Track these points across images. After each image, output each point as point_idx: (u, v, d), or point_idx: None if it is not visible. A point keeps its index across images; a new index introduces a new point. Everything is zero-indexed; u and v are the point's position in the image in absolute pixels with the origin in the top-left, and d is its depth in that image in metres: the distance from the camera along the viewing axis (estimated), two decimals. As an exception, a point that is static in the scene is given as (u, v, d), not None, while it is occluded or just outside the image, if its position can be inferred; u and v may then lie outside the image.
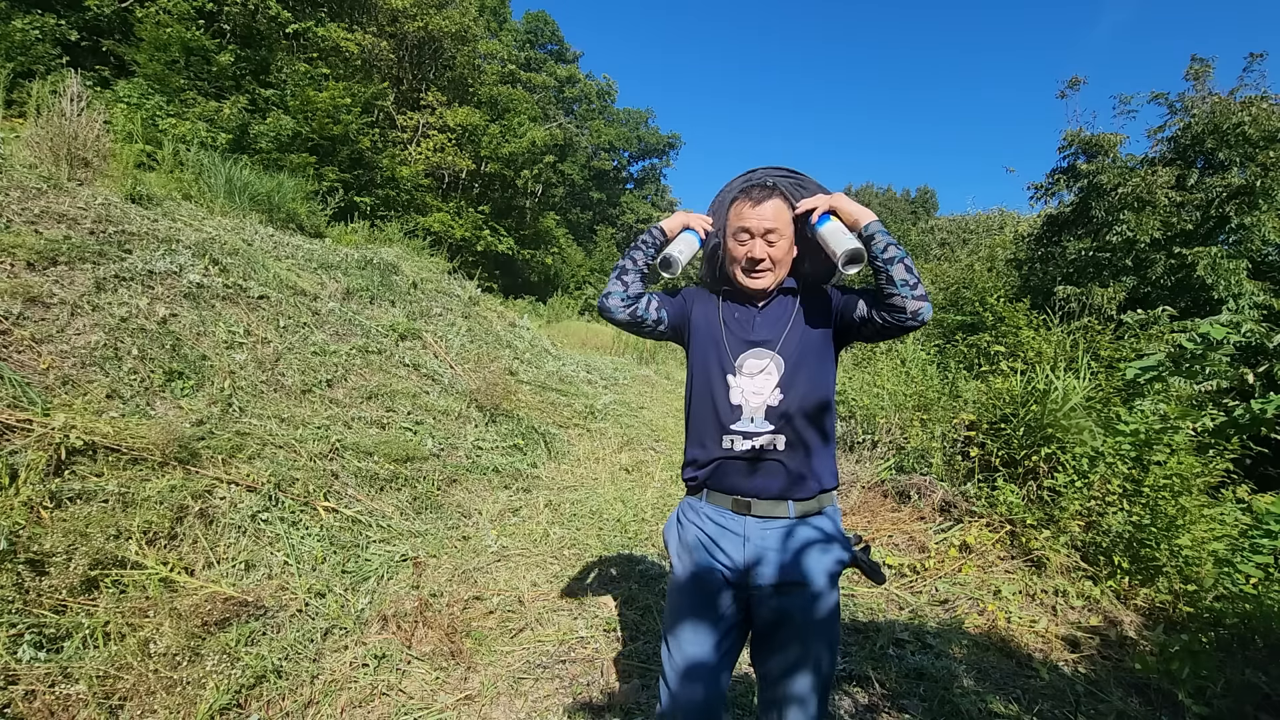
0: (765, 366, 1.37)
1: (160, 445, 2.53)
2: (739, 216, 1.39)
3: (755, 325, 1.41)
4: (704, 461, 1.40)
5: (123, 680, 1.81)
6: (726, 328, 1.43)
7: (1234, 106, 8.85)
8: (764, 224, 1.37)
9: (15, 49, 7.34)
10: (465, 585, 2.85)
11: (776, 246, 1.38)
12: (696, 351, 1.46)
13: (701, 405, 1.42)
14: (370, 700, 2.04)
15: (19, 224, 3.15)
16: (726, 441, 1.36)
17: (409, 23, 15.33)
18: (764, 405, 1.35)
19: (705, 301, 1.51)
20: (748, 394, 1.36)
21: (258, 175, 6.68)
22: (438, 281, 7.30)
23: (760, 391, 1.35)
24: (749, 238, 1.38)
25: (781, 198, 1.41)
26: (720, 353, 1.40)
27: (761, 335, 1.40)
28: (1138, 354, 4.77)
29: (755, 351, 1.38)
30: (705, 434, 1.40)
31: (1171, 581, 2.81)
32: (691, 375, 1.47)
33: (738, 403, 1.36)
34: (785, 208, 1.40)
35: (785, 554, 1.32)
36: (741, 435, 1.35)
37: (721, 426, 1.37)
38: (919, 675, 2.31)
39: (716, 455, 1.37)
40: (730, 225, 1.42)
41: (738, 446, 1.35)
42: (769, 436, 1.34)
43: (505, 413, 5.07)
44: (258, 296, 4.12)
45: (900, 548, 3.42)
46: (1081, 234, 10.29)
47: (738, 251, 1.40)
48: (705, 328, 1.45)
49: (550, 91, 26.84)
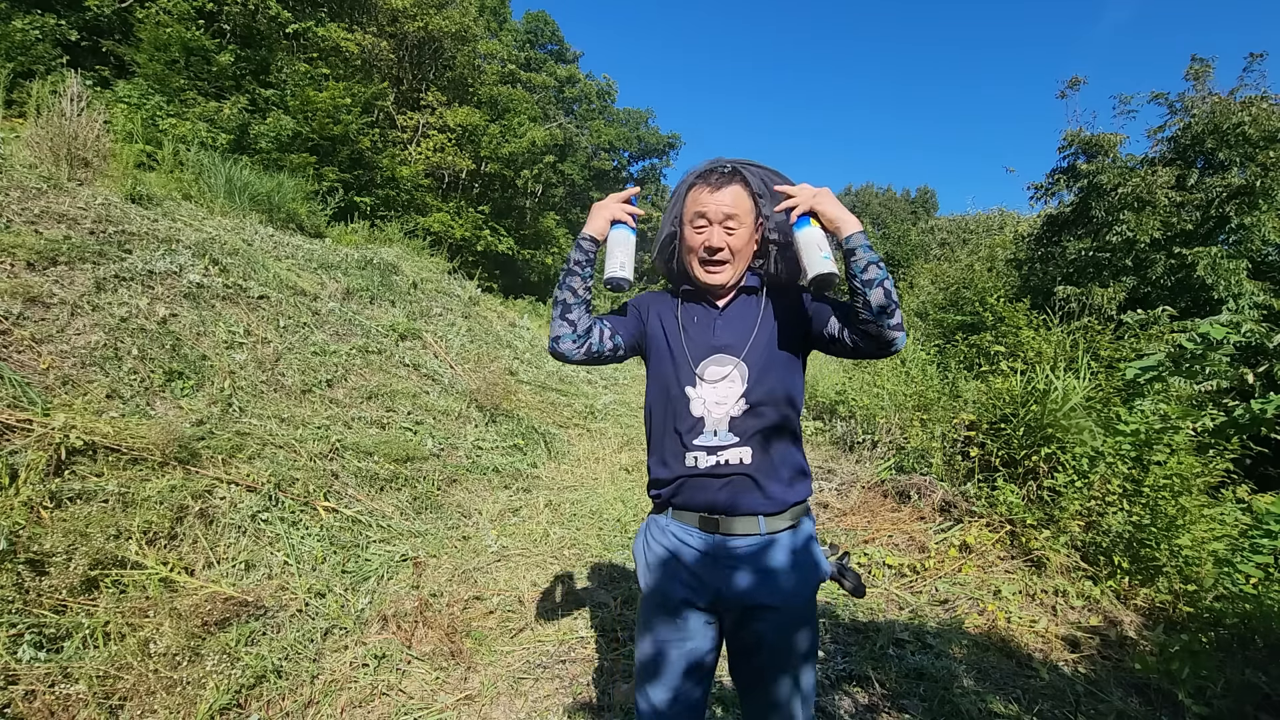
0: (728, 374, 1.26)
1: (160, 445, 2.53)
2: (696, 202, 1.28)
3: (716, 329, 1.30)
4: (667, 480, 1.29)
5: (123, 680, 1.81)
6: (685, 333, 1.32)
7: (1234, 106, 8.85)
8: (722, 209, 1.25)
9: (15, 49, 7.33)
10: (465, 585, 2.85)
11: (736, 235, 1.27)
12: (654, 361, 1.35)
13: (661, 418, 1.32)
14: (370, 700, 2.04)
15: (19, 224, 3.15)
16: (689, 458, 1.26)
17: (409, 23, 15.32)
18: (727, 416, 1.24)
19: (661, 306, 1.39)
20: (709, 404, 1.25)
21: (258, 175, 6.68)
22: (438, 281, 7.31)
23: (723, 401, 1.25)
24: (706, 224, 1.26)
25: (743, 184, 1.29)
26: (679, 360, 1.30)
27: (724, 340, 1.29)
28: (1138, 354, 4.77)
29: (717, 358, 1.27)
30: (667, 450, 1.30)
31: (1171, 581, 2.81)
32: (650, 386, 1.37)
33: (699, 414, 1.25)
34: (746, 195, 1.29)
35: (758, 574, 1.23)
36: (705, 450, 1.25)
37: (683, 442, 1.26)
38: (919, 675, 2.31)
39: (680, 473, 1.27)
40: (687, 211, 1.31)
41: (701, 463, 1.25)
42: (734, 450, 1.24)
43: (505, 413, 5.07)
44: (258, 296, 4.13)
45: (900, 548, 3.42)
46: (1081, 234, 10.29)
47: (694, 240, 1.28)
48: (662, 335, 1.34)
49: (550, 91, 26.83)
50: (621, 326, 1.37)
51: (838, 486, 4.31)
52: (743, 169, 1.31)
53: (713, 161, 1.35)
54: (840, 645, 2.52)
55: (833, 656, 2.42)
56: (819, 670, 2.31)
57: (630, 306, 1.41)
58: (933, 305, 10.02)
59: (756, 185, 1.31)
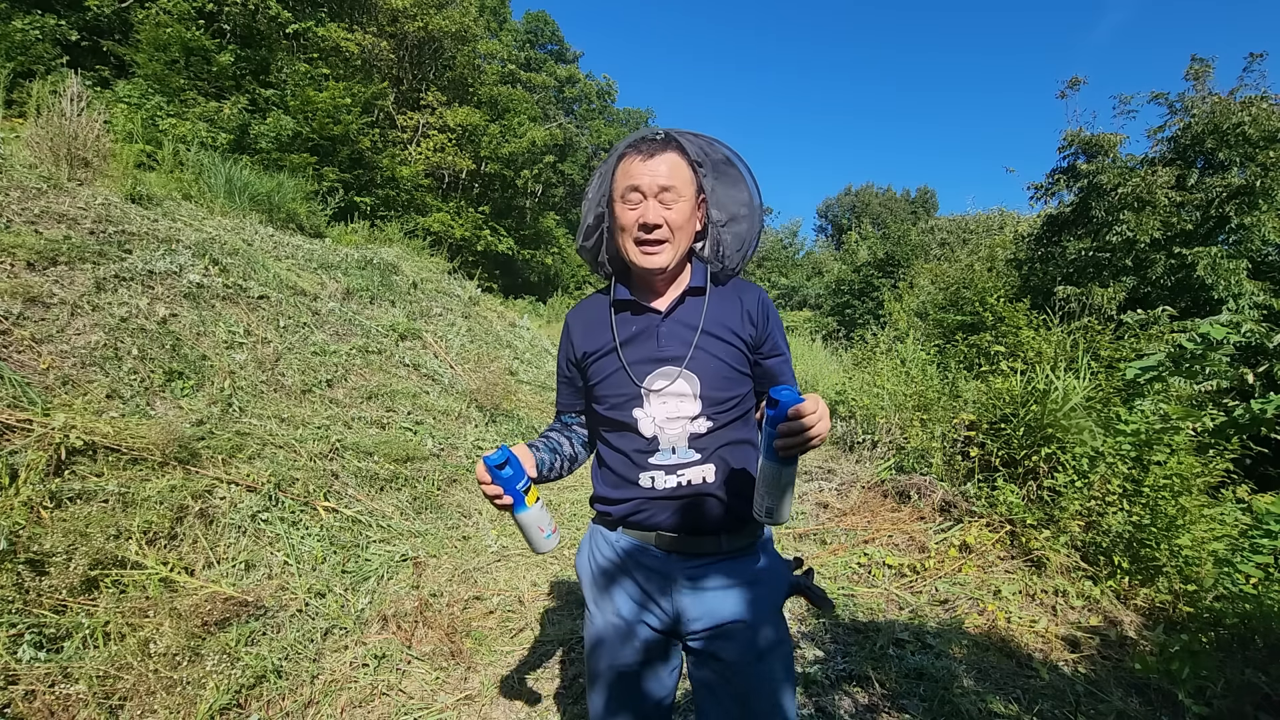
0: (679, 388, 1.12)
1: (160, 445, 2.53)
2: (627, 174, 1.10)
3: (660, 338, 1.15)
4: (619, 500, 1.17)
5: (123, 680, 1.81)
6: (624, 348, 1.16)
7: (1234, 106, 8.85)
8: (658, 181, 1.08)
9: (15, 49, 7.34)
10: (465, 585, 2.85)
11: (675, 210, 1.09)
12: (595, 382, 1.19)
13: (612, 437, 1.19)
14: (370, 700, 2.04)
15: (19, 224, 3.15)
16: (645, 479, 1.13)
17: (409, 23, 15.33)
18: (686, 433, 1.12)
19: (591, 327, 1.22)
20: (660, 422, 1.13)
21: (258, 175, 6.68)
22: (438, 281, 7.31)
23: (677, 416, 1.12)
24: (640, 199, 1.09)
25: (679, 152, 1.12)
26: (621, 379, 1.15)
27: (670, 350, 1.14)
28: (1138, 354, 4.77)
29: (665, 370, 1.13)
30: (619, 470, 1.17)
31: (1171, 581, 2.81)
32: (591, 405, 1.23)
33: (651, 434, 1.13)
34: (685, 164, 1.12)
35: (718, 593, 1.12)
36: (663, 470, 1.12)
37: (636, 463, 1.14)
38: (919, 675, 2.31)
39: (635, 495, 1.15)
40: (617, 186, 1.12)
41: (660, 484, 1.13)
42: (696, 469, 1.12)
43: (505, 413, 5.07)
44: (258, 296, 4.13)
45: (900, 548, 3.42)
46: (1081, 234, 10.29)
47: (626, 218, 1.10)
48: (601, 356, 1.19)
49: (550, 91, 26.84)
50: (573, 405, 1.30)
51: (838, 486, 4.31)
52: (678, 136, 1.15)
53: (644, 130, 1.18)
54: (840, 645, 2.52)
55: (833, 656, 2.42)
56: (820, 670, 2.31)
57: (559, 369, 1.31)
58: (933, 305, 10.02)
59: (695, 153, 1.15)
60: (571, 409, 1.31)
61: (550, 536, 1.13)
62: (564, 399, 1.31)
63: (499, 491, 1.06)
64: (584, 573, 1.26)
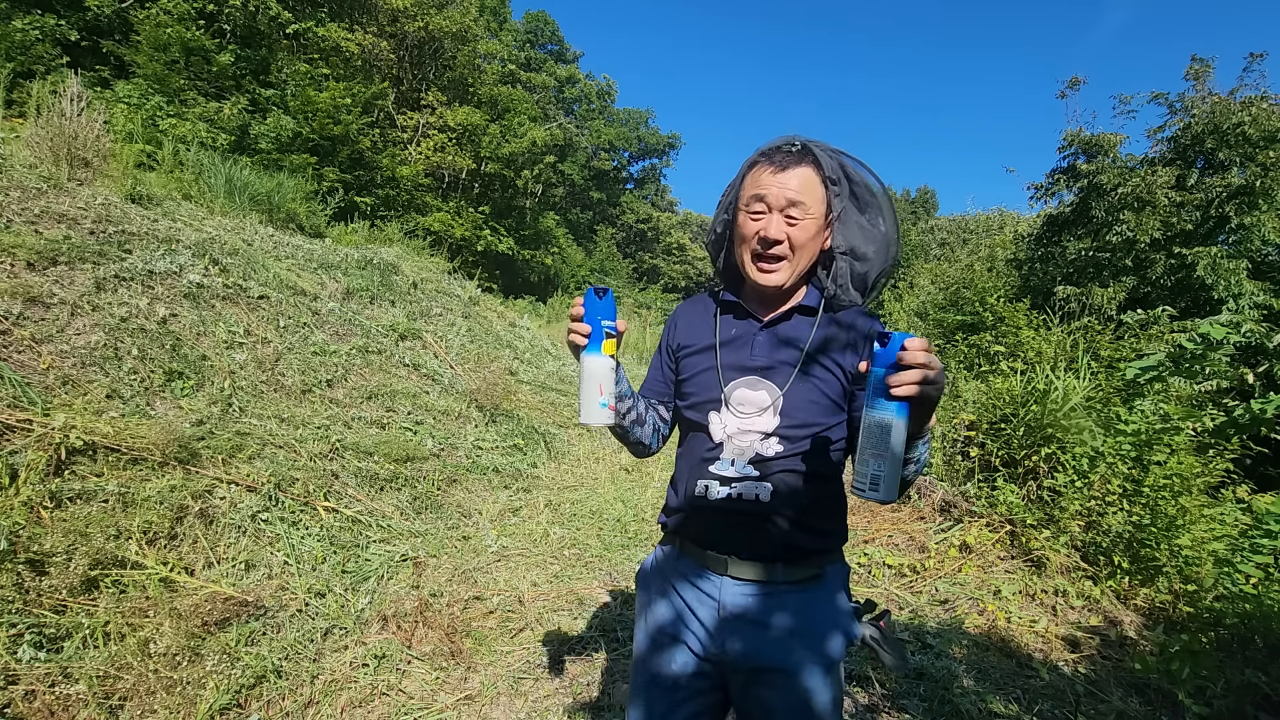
0: (761, 402, 1.06)
1: (160, 445, 2.53)
2: (755, 183, 1.05)
3: (755, 347, 1.09)
4: (675, 507, 1.16)
5: (123, 680, 1.81)
6: (721, 348, 1.12)
7: (1234, 106, 8.85)
8: (786, 194, 1.02)
9: (15, 49, 7.34)
10: (465, 585, 2.85)
11: (799, 227, 1.03)
12: (685, 377, 1.17)
13: (684, 439, 1.18)
14: (370, 700, 2.04)
15: (19, 224, 3.15)
16: (700, 486, 1.09)
17: (409, 23, 15.33)
18: (751, 448, 1.06)
19: (692, 318, 1.21)
20: (731, 430, 1.08)
21: (258, 175, 6.68)
22: (438, 281, 7.31)
23: (748, 429, 1.06)
24: (764, 211, 1.04)
25: (814, 167, 1.04)
26: (707, 380, 1.12)
27: (761, 361, 1.08)
28: (1138, 354, 4.77)
29: (749, 380, 1.08)
30: (682, 473, 1.15)
31: (1171, 581, 2.82)
32: (678, 403, 1.21)
33: (719, 439, 1.09)
34: (818, 181, 1.04)
35: (768, 629, 1.03)
36: (718, 480, 1.07)
37: (698, 467, 1.11)
38: (919, 675, 2.31)
39: (688, 501, 1.12)
40: (744, 194, 1.07)
41: (712, 493, 1.07)
42: (750, 484, 1.06)
43: (505, 413, 5.07)
44: (258, 296, 4.13)
45: (900, 548, 3.42)
46: (1081, 234, 10.29)
47: (748, 229, 1.06)
48: (695, 352, 1.17)
49: (550, 91, 26.85)
50: (659, 393, 1.23)
51: (838, 486, 4.31)
52: (816, 149, 1.06)
53: (782, 139, 1.09)
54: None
55: (833, 656, 2.42)
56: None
57: (656, 355, 1.26)
58: (933, 305, 10.01)
59: (831, 170, 1.06)
60: (655, 395, 1.24)
61: (604, 407, 1.01)
62: (651, 385, 1.26)
63: (581, 313, 1.00)
64: (640, 582, 1.24)
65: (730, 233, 1.13)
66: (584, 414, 1.02)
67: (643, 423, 1.16)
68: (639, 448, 1.20)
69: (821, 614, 1.06)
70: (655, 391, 1.24)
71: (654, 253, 33.79)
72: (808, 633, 1.04)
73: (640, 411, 1.16)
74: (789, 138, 1.09)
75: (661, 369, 1.24)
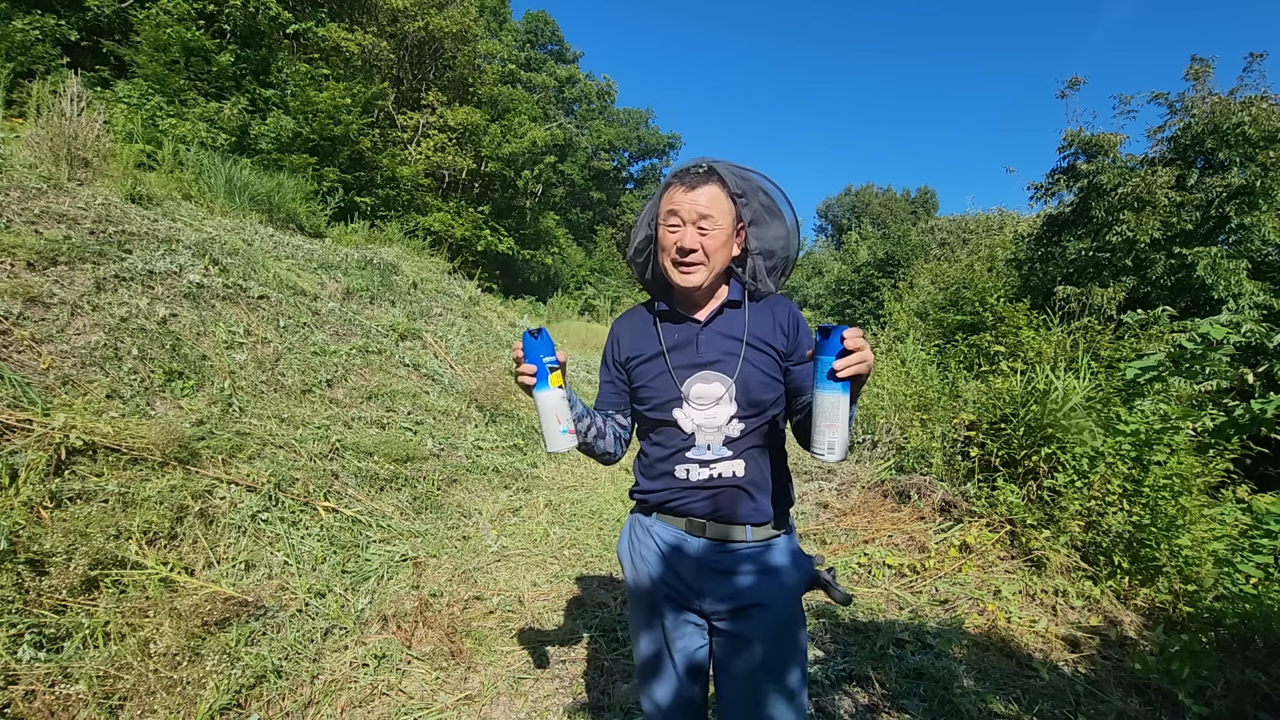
0: (716, 393, 1.24)
1: (160, 445, 2.53)
2: (670, 201, 1.24)
3: (700, 345, 1.27)
4: (655, 489, 1.31)
5: (123, 680, 1.81)
6: (669, 353, 1.28)
7: (1234, 106, 8.85)
8: (696, 209, 1.20)
9: (15, 49, 7.34)
10: (465, 585, 2.86)
11: (710, 236, 1.21)
12: (640, 384, 1.32)
13: (652, 434, 1.32)
14: (370, 700, 2.04)
15: (19, 224, 3.15)
16: (680, 470, 1.26)
17: (409, 23, 15.32)
18: (721, 433, 1.24)
19: (634, 333, 1.35)
20: (699, 421, 1.24)
21: (258, 175, 6.68)
22: (438, 281, 7.31)
23: (715, 418, 1.24)
24: (679, 225, 1.22)
25: (720, 184, 1.24)
26: (663, 383, 1.27)
27: (708, 356, 1.26)
28: (1138, 354, 4.77)
29: (703, 374, 1.25)
30: (657, 461, 1.30)
31: (1171, 581, 2.82)
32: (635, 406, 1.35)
33: (690, 430, 1.25)
34: (724, 196, 1.24)
35: (742, 576, 1.24)
36: (697, 464, 1.25)
37: (676, 455, 1.27)
38: (919, 675, 2.31)
39: (670, 484, 1.28)
40: (661, 211, 1.26)
41: (694, 475, 1.25)
42: (727, 464, 1.24)
43: (505, 413, 5.08)
44: (258, 296, 4.13)
45: (900, 548, 3.42)
46: (1081, 234, 10.29)
47: (667, 240, 1.24)
48: (643, 360, 1.32)
49: (550, 91, 26.84)
50: (614, 404, 1.38)
51: (838, 486, 4.31)
52: (720, 169, 1.26)
53: (690, 161, 1.29)
54: (840, 645, 2.52)
55: (833, 656, 2.42)
56: (820, 670, 2.31)
57: (604, 370, 1.39)
58: (933, 305, 10.01)
59: (735, 185, 1.25)
60: (611, 407, 1.38)
61: (565, 434, 1.14)
62: (605, 399, 1.40)
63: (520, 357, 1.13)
64: (624, 554, 1.38)
65: (654, 246, 1.32)
66: (550, 444, 1.15)
67: (604, 435, 1.33)
68: (606, 457, 1.35)
69: (784, 559, 1.27)
70: (611, 404, 1.38)
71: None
72: (775, 573, 1.25)
73: (600, 425, 1.32)
74: (698, 161, 1.28)
75: (614, 383, 1.38)
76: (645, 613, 1.32)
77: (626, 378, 1.36)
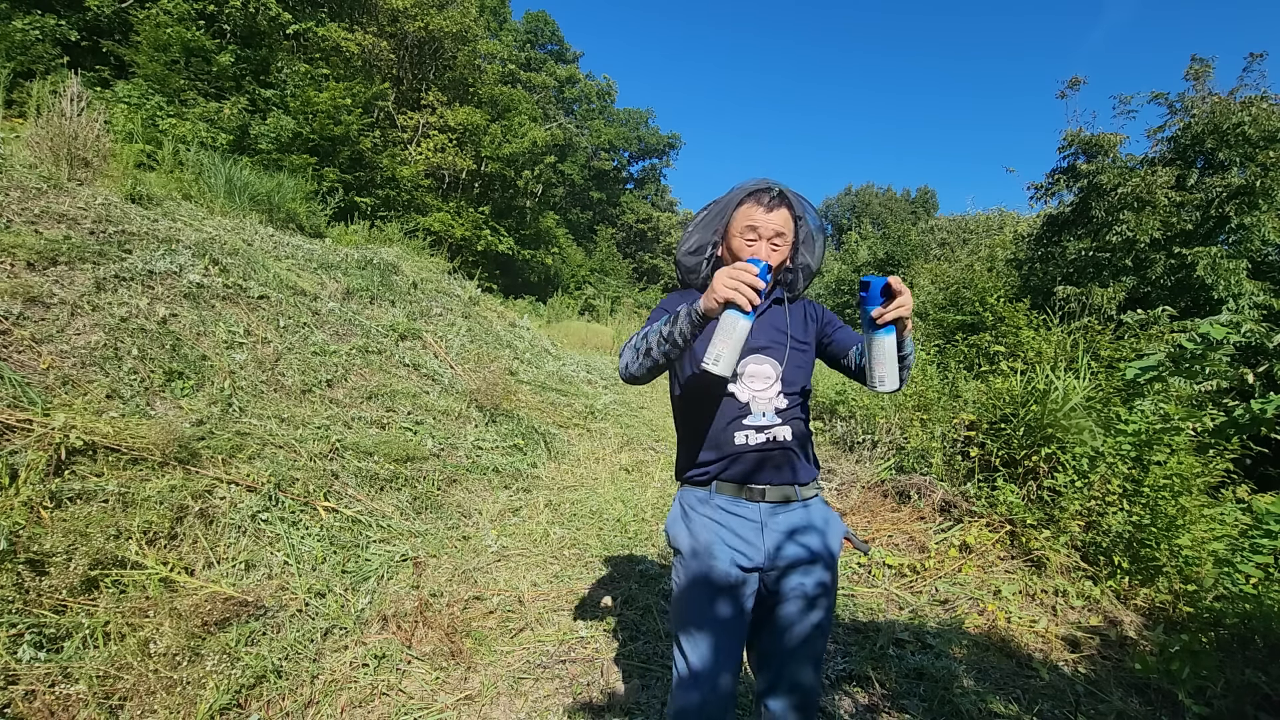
0: (766, 373, 1.42)
1: (160, 445, 2.53)
2: (748, 216, 1.42)
3: (754, 331, 1.41)
4: (717, 459, 1.43)
5: (123, 680, 1.81)
6: None
7: (1234, 106, 8.85)
8: (773, 228, 1.40)
9: (15, 49, 7.34)
10: (465, 585, 2.85)
11: (778, 253, 1.42)
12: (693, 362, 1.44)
13: (707, 409, 1.44)
14: (370, 700, 2.04)
15: (19, 224, 3.15)
16: (740, 437, 1.40)
17: (409, 23, 15.32)
18: (773, 405, 1.42)
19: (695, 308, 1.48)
20: (753, 392, 1.41)
21: (258, 175, 6.68)
22: (438, 281, 7.31)
23: (765, 392, 1.42)
24: (756, 239, 1.41)
25: (789, 208, 1.44)
26: None
27: (760, 341, 1.43)
28: (1138, 354, 4.77)
29: (755, 358, 1.42)
30: (718, 434, 1.42)
31: (1171, 581, 2.81)
32: (686, 383, 1.48)
33: (746, 399, 1.41)
34: (791, 219, 1.45)
35: (801, 534, 1.39)
36: (755, 429, 1.40)
37: (734, 423, 1.41)
38: (919, 675, 2.31)
39: (730, 451, 1.41)
40: (736, 224, 1.44)
41: (753, 440, 1.40)
42: (779, 429, 1.41)
43: (505, 413, 5.07)
44: (258, 296, 4.13)
45: (900, 548, 3.42)
46: (1081, 234, 10.29)
47: (742, 251, 1.42)
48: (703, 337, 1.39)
49: (550, 91, 26.83)
50: None
51: (838, 486, 4.31)
52: (789, 195, 1.46)
53: (761, 181, 1.46)
54: (840, 645, 2.52)
55: (833, 656, 2.42)
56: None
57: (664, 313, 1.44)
58: (933, 305, 10.01)
59: (798, 209, 1.47)
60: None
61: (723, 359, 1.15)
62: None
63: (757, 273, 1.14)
64: (678, 530, 1.45)
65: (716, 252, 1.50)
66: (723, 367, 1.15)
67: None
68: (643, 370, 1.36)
69: (829, 519, 1.46)
70: None
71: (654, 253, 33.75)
72: (824, 531, 1.42)
73: None
74: (767, 183, 1.45)
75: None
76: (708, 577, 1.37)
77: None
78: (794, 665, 1.38)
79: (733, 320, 1.14)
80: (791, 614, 1.38)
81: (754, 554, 1.37)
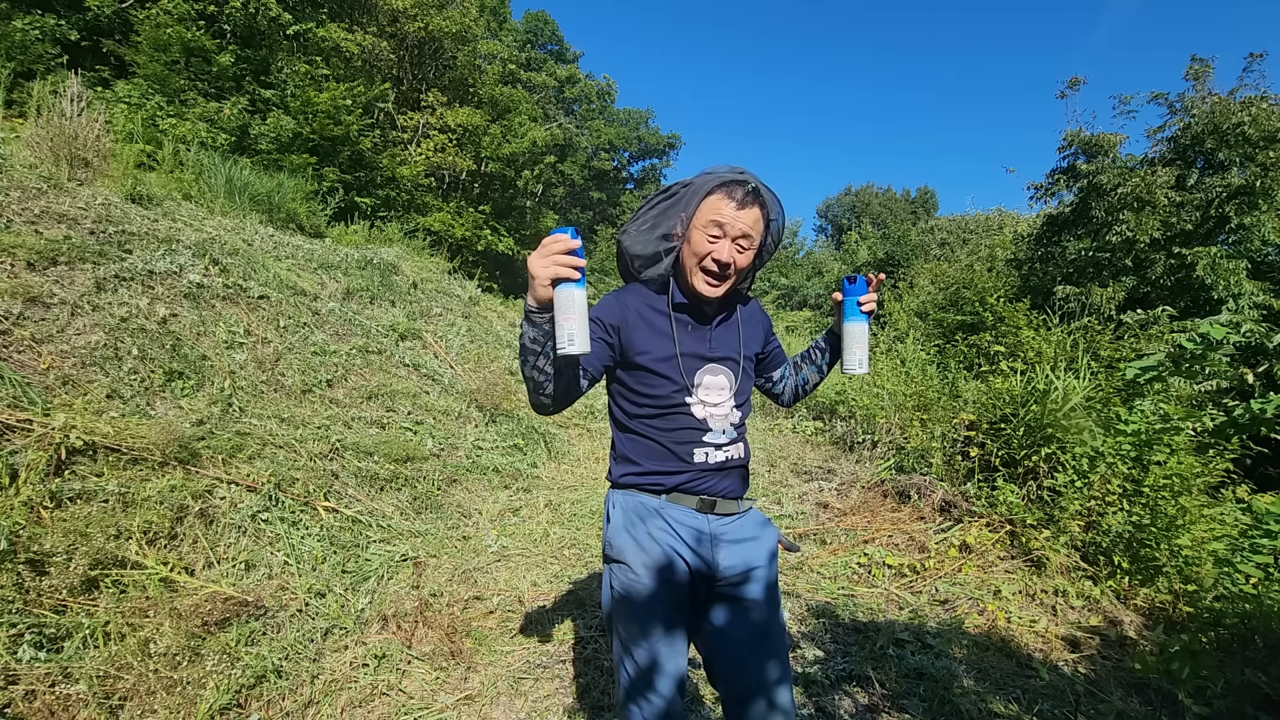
0: (721, 384, 1.37)
1: (160, 445, 2.53)
2: (716, 210, 1.26)
3: (712, 341, 1.38)
4: (672, 472, 1.35)
5: (123, 680, 1.81)
6: (681, 344, 1.34)
7: (1234, 106, 8.85)
8: (741, 227, 1.26)
9: (15, 49, 7.33)
10: (465, 585, 2.85)
11: (744, 255, 1.30)
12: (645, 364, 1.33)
13: (661, 423, 1.34)
14: (370, 700, 2.04)
15: (19, 224, 3.15)
16: (700, 454, 1.34)
17: (409, 23, 15.31)
18: (727, 420, 1.38)
19: (643, 310, 1.35)
20: (708, 407, 1.35)
21: (258, 175, 6.68)
22: (438, 281, 7.31)
23: (719, 405, 1.36)
24: (720, 236, 1.26)
25: (762, 208, 1.30)
26: (673, 366, 1.33)
27: (718, 352, 1.38)
28: (1138, 354, 4.77)
29: (711, 368, 1.36)
30: (673, 447, 1.34)
31: (1171, 581, 2.81)
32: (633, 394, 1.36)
33: (702, 416, 1.34)
34: (763, 220, 1.32)
35: (743, 543, 1.37)
36: (714, 447, 1.36)
37: (691, 442, 1.34)
38: (919, 675, 2.31)
39: (688, 467, 1.34)
40: (702, 216, 1.28)
41: (712, 459, 1.35)
42: (734, 447, 1.39)
43: (505, 413, 5.07)
44: (258, 296, 4.13)
45: (900, 548, 3.42)
46: (1081, 234, 10.29)
47: (702, 247, 1.27)
48: (655, 348, 1.33)
49: (550, 91, 26.82)
50: (594, 358, 1.29)
51: (838, 486, 4.31)
52: (764, 192, 1.31)
53: (735, 171, 1.30)
54: (840, 645, 2.52)
55: (833, 656, 2.42)
56: (820, 670, 2.31)
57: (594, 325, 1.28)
58: (933, 305, 10.02)
59: (772, 211, 1.35)
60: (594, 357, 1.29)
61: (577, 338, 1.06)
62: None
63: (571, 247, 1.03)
64: (621, 536, 1.34)
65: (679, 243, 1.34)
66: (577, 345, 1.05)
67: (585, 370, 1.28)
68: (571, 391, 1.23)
69: (765, 525, 1.45)
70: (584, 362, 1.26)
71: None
72: (763, 540, 1.41)
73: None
74: (741, 175, 1.29)
75: (603, 341, 1.30)
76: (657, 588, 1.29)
77: (616, 351, 1.33)
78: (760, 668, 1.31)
79: (569, 294, 1.05)
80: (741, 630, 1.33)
81: (698, 562, 1.33)
